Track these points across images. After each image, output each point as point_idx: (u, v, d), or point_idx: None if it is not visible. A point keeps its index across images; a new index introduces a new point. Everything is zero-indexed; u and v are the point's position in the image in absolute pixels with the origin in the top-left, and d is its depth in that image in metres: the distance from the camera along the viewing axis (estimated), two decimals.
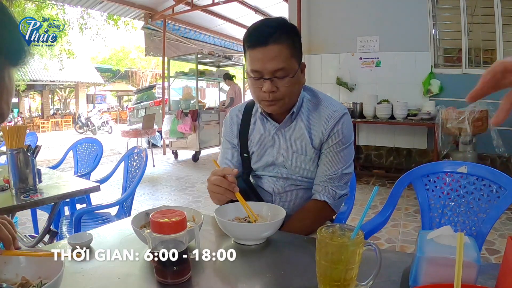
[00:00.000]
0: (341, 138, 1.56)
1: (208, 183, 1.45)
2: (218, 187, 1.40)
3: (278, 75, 1.45)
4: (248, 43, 1.47)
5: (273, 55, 1.42)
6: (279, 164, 1.66)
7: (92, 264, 1.13)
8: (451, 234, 0.91)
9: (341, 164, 1.58)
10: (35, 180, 2.22)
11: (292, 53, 1.47)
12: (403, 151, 6.58)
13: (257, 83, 1.48)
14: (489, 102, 5.20)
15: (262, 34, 1.43)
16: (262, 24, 1.48)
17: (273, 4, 9.73)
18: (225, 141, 1.80)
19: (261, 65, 1.44)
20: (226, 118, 1.82)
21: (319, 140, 1.58)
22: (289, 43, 1.45)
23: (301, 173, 1.64)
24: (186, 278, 1.00)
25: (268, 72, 1.44)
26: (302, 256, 1.17)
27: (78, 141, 3.77)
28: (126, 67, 30.22)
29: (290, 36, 1.46)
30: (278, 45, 1.42)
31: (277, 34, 1.42)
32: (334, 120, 1.56)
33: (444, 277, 0.85)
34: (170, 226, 0.97)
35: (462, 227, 1.62)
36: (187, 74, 9.81)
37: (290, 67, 1.46)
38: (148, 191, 6.11)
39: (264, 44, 1.42)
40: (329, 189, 1.56)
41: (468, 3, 5.80)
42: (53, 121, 23.53)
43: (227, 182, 1.39)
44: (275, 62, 1.43)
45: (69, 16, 15.10)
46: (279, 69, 1.44)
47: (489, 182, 1.58)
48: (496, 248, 3.44)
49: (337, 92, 6.84)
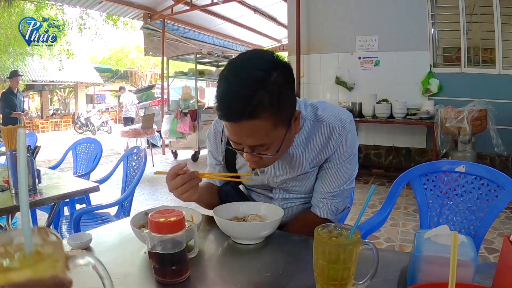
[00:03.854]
0: (345, 151, 1.40)
1: (174, 192, 1.29)
2: (180, 184, 1.24)
3: (259, 150, 1.22)
4: (218, 112, 1.16)
5: (248, 132, 1.16)
6: (273, 186, 1.55)
7: None
8: (448, 233, 0.92)
9: (343, 179, 1.43)
10: (34, 181, 2.22)
11: (276, 122, 1.16)
12: (402, 151, 6.59)
13: (239, 148, 1.25)
14: (488, 101, 5.22)
15: (232, 109, 1.12)
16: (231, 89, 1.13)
17: (272, 3, 9.73)
18: (210, 157, 1.64)
19: (239, 138, 1.20)
20: (209, 131, 1.61)
21: (322, 158, 1.43)
22: (272, 112, 1.13)
23: (298, 190, 1.53)
24: (184, 278, 1.00)
25: (248, 147, 1.21)
26: (300, 255, 1.17)
27: (78, 141, 3.77)
28: (126, 67, 30.16)
29: (273, 98, 1.12)
30: (255, 120, 1.11)
31: (253, 104, 1.09)
32: (341, 137, 1.37)
33: (441, 276, 0.86)
34: (168, 225, 0.97)
35: (460, 226, 1.62)
36: (186, 74, 9.80)
37: (274, 139, 1.20)
38: (147, 191, 6.11)
39: (236, 120, 1.13)
40: (330, 206, 1.44)
41: (467, 2, 5.81)
42: (52, 121, 23.49)
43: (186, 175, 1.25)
44: (252, 139, 1.17)
45: (68, 16, 15.19)
46: (258, 145, 1.20)
47: (488, 181, 1.59)
48: (495, 247, 3.44)
49: (336, 92, 6.85)
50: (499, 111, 5.21)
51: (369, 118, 6.17)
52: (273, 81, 1.12)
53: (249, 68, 1.14)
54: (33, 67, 20.08)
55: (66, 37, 14.86)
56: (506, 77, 5.67)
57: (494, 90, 5.68)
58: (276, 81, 1.13)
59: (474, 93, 5.66)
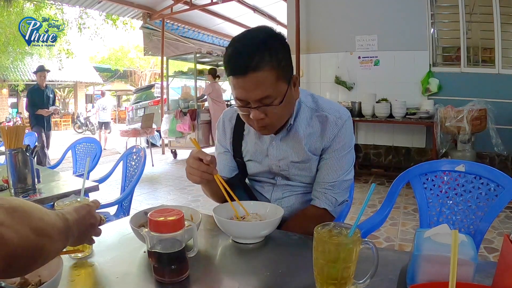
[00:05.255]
0: (343, 144, 1.51)
1: (186, 164, 1.37)
2: (195, 169, 1.33)
3: (265, 102, 1.33)
4: (227, 71, 1.34)
5: (254, 84, 1.29)
6: (276, 172, 1.63)
7: (91, 263, 1.13)
8: (448, 232, 0.92)
9: (342, 171, 1.53)
10: (34, 180, 2.22)
11: (278, 76, 1.32)
12: (401, 150, 6.58)
13: (244, 110, 1.38)
14: (488, 100, 5.22)
15: (239, 64, 1.29)
16: (237, 50, 1.31)
17: (272, 3, 9.73)
18: (219, 146, 1.76)
19: (244, 94, 1.32)
20: (219, 121, 1.75)
21: (320, 147, 1.53)
22: (273, 66, 1.30)
23: (299, 179, 1.62)
24: (184, 277, 1.00)
25: (253, 101, 1.33)
26: (300, 254, 1.17)
27: (77, 140, 3.77)
28: (125, 67, 30.19)
29: (273, 56, 1.30)
30: (259, 72, 1.27)
31: (256, 59, 1.27)
32: (337, 127, 1.50)
33: (441, 275, 0.86)
34: (168, 225, 0.97)
35: (460, 225, 1.62)
36: (185, 74, 9.81)
37: (277, 91, 1.33)
38: (147, 190, 6.11)
39: (243, 74, 1.28)
40: (329, 197, 1.52)
41: (467, 2, 5.81)
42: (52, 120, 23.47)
43: (205, 166, 1.33)
44: (259, 91, 1.30)
45: (67, 16, 15.12)
46: (264, 97, 1.32)
47: (487, 180, 1.58)
48: (494, 246, 3.44)
49: (336, 91, 6.85)
50: (498, 111, 5.21)
51: (368, 118, 6.16)
52: (273, 44, 1.32)
53: (252, 34, 1.36)
54: (32, 66, 20.06)
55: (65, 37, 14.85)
56: (505, 76, 5.67)
57: (494, 89, 5.68)
58: (275, 43, 1.33)
59: (474, 92, 5.66)
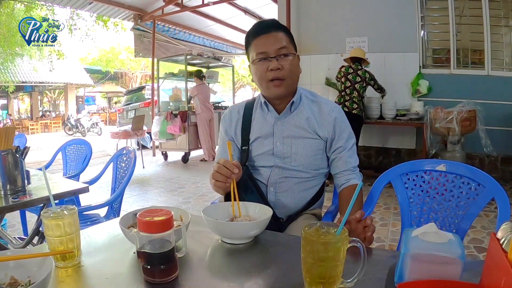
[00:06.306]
0: (348, 133, 1.78)
1: (213, 175, 1.52)
2: (220, 174, 1.47)
3: (282, 52, 1.67)
4: (253, 34, 1.72)
5: (275, 39, 1.68)
6: (277, 153, 1.76)
7: (81, 264, 1.13)
8: (435, 231, 0.93)
9: (355, 156, 1.80)
10: (24, 182, 2.20)
11: (290, 40, 1.74)
12: (392, 151, 6.62)
13: (264, 65, 1.68)
14: (477, 102, 5.26)
15: (264, 25, 1.72)
16: (261, 23, 1.78)
17: (263, 5, 9.74)
18: (224, 135, 1.92)
19: (266, 47, 1.67)
20: (225, 113, 1.95)
21: (322, 128, 1.75)
22: (287, 33, 1.74)
23: (299, 161, 1.75)
24: (173, 277, 1.00)
25: (273, 51, 1.67)
26: (288, 254, 1.18)
27: (67, 142, 3.75)
28: (116, 68, 30.00)
29: (286, 29, 1.76)
30: (278, 32, 1.70)
31: (275, 25, 1.73)
32: (335, 113, 1.77)
33: (429, 274, 0.87)
34: (157, 225, 0.97)
35: (441, 224, 1.63)
36: (176, 75, 9.78)
37: (290, 49, 1.71)
38: (137, 192, 6.08)
39: (267, 31, 1.69)
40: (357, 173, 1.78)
41: (457, 4, 5.87)
42: (42, 122, 23.31)
43: (226, 169, 1.46)
44: (278, 42, 1.67)
45: (58, 17, 14.98)
46: (282, 47, 1.67)
47: (468, 179, 1.60)
48: (484, 246, 3.46)
49: (326, 93, 6.85)
50: (488, 112, 5.25)
51: None
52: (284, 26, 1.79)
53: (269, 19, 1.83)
54: (22, 68, 19.96)
55: None
56: (495, 78, 5.73)
57: (483, 91, 5.74)
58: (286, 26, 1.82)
59: (463, 94, 5.71)
